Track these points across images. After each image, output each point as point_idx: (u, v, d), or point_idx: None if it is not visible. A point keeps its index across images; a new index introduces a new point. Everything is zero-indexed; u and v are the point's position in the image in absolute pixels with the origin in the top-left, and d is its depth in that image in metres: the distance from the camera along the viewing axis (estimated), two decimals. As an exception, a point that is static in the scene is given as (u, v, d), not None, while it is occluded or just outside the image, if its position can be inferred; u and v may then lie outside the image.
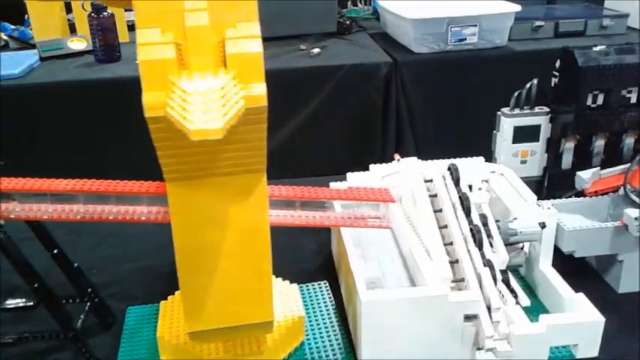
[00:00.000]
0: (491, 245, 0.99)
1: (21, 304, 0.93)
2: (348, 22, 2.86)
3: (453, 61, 2.46)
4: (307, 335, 1.00)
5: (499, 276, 0.94)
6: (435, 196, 1.06)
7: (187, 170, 0.67)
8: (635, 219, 1.01)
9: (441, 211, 1.03)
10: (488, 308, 0.91)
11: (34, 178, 0.85)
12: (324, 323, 1.01)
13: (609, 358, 0.95)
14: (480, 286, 0.93)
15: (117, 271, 1.15)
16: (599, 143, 1.26)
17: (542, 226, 1.02)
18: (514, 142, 1.28)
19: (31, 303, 0.92)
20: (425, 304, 0.88)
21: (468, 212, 1.03)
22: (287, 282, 1.05)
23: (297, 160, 2.39)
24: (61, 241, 0.96)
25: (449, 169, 1.10)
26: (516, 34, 2.48)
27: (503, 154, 1.28)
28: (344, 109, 2.46)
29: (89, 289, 0.98)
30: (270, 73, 2.08)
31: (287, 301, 1.00)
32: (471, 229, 1.00)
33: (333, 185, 1.17)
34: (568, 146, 1.27)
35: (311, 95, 2.44)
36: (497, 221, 1.04)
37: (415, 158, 1.15)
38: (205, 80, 0.56)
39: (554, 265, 1.11)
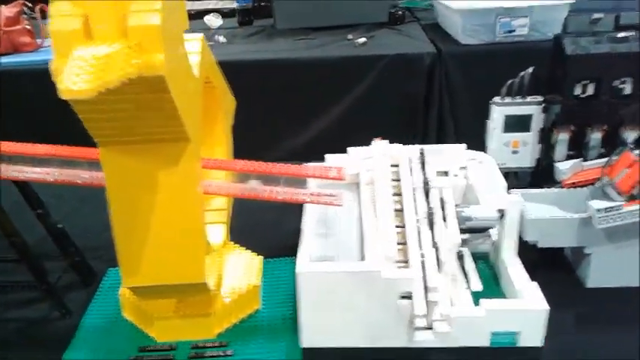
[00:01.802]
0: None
1: (9, 257, 1.04)
2: (400, 13, 2.85)
3: (501, 52, 2.40)
4: (263, 305, 1.05)
5: (446, 258, 0.95)
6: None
7: (112, 135, 0.74)
8: (598, 210, 0.99)
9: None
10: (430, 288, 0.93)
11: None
12: (284, 295, 1.06)
13: (555, 349, 0.94)
14: (423, 267, 0.94)
15: (108, 236, 1.25)
16: (596, 136, 1.22)
17: (501, 213, 1.02)
18: (505, 131, 1.26)
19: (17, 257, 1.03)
20: (359, 278, 0.91)
21: (427, 195, 1.05)
22: (251, 253, 1.11)
23: (337, 148, 2.44)
24: (59, 206, 1.07)
25: (420, 153, 1.11)
26: (573, 27, 2.38)
27: (493, 144, 1.27)
28: (386, 98, 2.46)
29: (71, 249, 1.08)
30: (311, 61, 2.15)
31: (247, 270, 1.06)
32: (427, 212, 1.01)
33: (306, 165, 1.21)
34: (562, 137, 1.23)
35: (352, 84, 2.47)
36: (456, 206, 1.05)
37: (387, 142, 1.17)
38: (98, 48, 0.62)
39: (531, 257, 1.10)
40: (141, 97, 0.67)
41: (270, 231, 1.28)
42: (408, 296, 0.92)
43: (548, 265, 1.13)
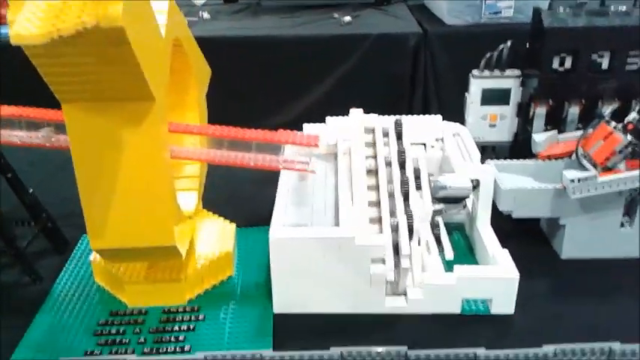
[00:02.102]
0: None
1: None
2: (387, -7, 2.84)
3: (486, 34, 2.40)
4: (237, 272, 1.05)
5: (418, 226, 0.95)
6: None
7: (74, 92, 0.73)
8: (572, 181, 0.99)
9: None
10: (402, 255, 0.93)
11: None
12: (258, 263, 1.06)
13: (527, 317, 0.94)
14: (396, 234, 0.94)
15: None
16: (573, 110, 1.22)
17: (475, 183, 1.02)
18: (483, 104, 1.26)
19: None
20: (333, 245, 0.90)
21: (402, 165, 1.04)
22: (225, 220, 1.10)
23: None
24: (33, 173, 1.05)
25: (396, 123, 1.11)
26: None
27: (471, 117, 1.27)
28: (371, 78, 2.46)
29: (43, 215, 1.07)
30: (295, 39, 2.14)
31: (220, 237, 1.05)
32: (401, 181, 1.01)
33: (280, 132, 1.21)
34: (539, 112, 1.23)
35: (337, 63, 2.46)
36: (430, 176, 1.04)
37: (361, 110, 1.17)
38: (58, -2, 0.61)
39: (506, 228, 1.11)
40: (101, 50, 0.66)
41: (248, 202, 1.27)
42: (380, 263, 0.91)
43: (524, 236, 1.13)
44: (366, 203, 0.97)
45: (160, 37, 0.79)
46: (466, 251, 1.08)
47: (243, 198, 1.31)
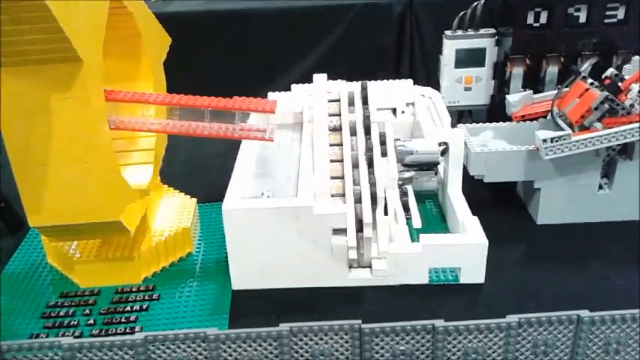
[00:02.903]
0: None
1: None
2: (370, -40, 2.76)
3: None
4: (198, 248, 1.00)
5: (382, 194, 0.90)
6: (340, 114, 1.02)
7: (-3, 56, 0.68)
8: (544, 141, 0.93)
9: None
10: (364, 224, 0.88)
11: None
12: (220, 239, 1.01)
13: (498, 286, 0.89)
14: (359, 203, 0.89)
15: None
16: (552, 69, 1.16)
17: (444, 147, 0.97)
18: (456, 66, 1.20)
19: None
20: (290, 215, 0.85)
21: (367, 131, 0.99)
22: (185, 196, 1.05)
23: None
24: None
25: (362, 88, 1.05)
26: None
27: (445, 80, 1.21)
28: (356, 48, 2.40)
29: (-5, 194, 1.02)
30: (277, 11, 2.06)
31: (179, 213, 1.00)
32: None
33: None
34: (516, 72, 1.17)
35: (321, 35, 2.39)
36: (396, 140, 0.99)
37: (324, 76, 1.11)
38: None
39: (482, 194, 1.06)
40: (15, 5, 0.60)
41: (214, 176, 1.21)
42: (341, 234, 0.86)
43: (500, 202, 1.08)
44: (328, 171, 0.92)
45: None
46: (438, 220, 1.04)
47: (209, 172, 1.26)
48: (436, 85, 1.22)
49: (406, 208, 0.97)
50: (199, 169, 1.29)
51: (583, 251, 0.96)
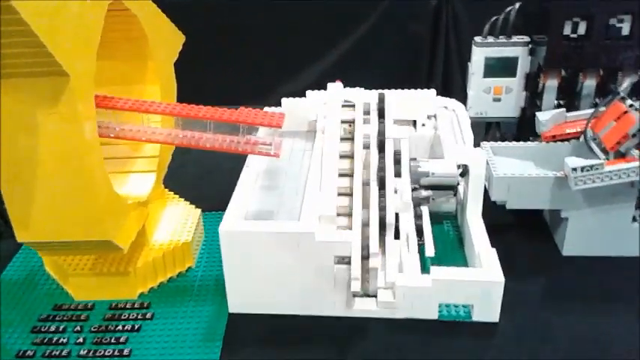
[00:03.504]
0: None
1: None
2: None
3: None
4: (199, 263, 0.96)
5: (392, 220, 0.84)
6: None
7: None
8: (574, 170, 0.86)
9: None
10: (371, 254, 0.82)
11: None
12: (223, 253, 0.96)
13: (513, 326, 0.83)
14: (367, 229, 0.83)
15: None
16: (589, 83, 1.07)
17: (463, 170, 0.90)
18: (485, 75, 1.12)
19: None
20: (291, 240, 0.80)
21: (381, 147, 0.92)
22: (189, 205, 1.01)
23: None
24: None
25: (379, 99, 0.99)
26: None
27: (473, 90, 1.13)
28: (389, 41, 2.31)
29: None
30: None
31: (180, 224, 0.96)
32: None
33: (266, 110, 1.10)
34: (550, 84, 1.08)
35: (353, 26, 2.31)
36: (412, 160, 0.92)
37: (340, 84, 1.04)
38: None
39: (507, 219, 0.99)
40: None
41: (224, 182, 1.16)
42: (345, 262, 0.81)
43: (525, 228, 1.01)
44: (336, 192, 0.86)
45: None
46: (455, 244, 0.97)
47: (222, 174, 1.19)
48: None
49: (420, 232, 0.91)
50: (211, 172, 1.24)
51: (610, 290, 0.88)
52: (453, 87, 2.27)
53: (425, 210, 0.94)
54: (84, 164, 0.71)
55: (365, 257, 0.81)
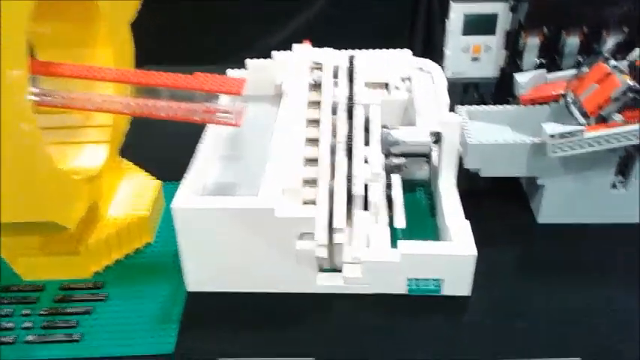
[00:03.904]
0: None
1: None
2: None
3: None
4: (158, 238, 0.91)
5: (360, 192, 0.79)
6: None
7: None
8: (552, 136, 0.80)
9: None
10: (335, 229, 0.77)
11: None
12: (184, 226, 0.91)
13: (485, 300, 0.79)
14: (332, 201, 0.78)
15: None
16: (572, 41, 1.01)
17: (436, 137, 0.84)
18: (464, 33, 1.05)
19: None
20: (248, 217, 0.75)
21: (350, 114, 0.87)
22: (147, 176, 0.95)
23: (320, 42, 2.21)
24: None
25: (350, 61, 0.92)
26: None
27: (450, 49, 1.07)
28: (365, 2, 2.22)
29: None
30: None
31: (137, 198, 0.91)
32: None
33: (229, 72, 1.04)
34: (531, 43, 1.02)
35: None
36: (383, 127, 0.87)
37: (309, 44, 0.98)
38: None
39: (483, 185, 0.94)
40: None
41: (189, 147, 1.09)
42: (309, 238, 0.76)
43: (500, 195, 0.97)
44: (300, 163, 0.81)
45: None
46: (427, 214, 0.92)
47: (189, 139, 1.12)
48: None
49: (390, 203, 0.86)
50: (175, 138, 1.17)
51: (587, 261, 0.84)
52: (436, 45, 2.19)
53: (396, 179, 0.89)
54: (17, 139, 0.64)
55: (331, 231, 0.77)
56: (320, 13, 2.22)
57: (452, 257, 0.76)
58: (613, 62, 0.86)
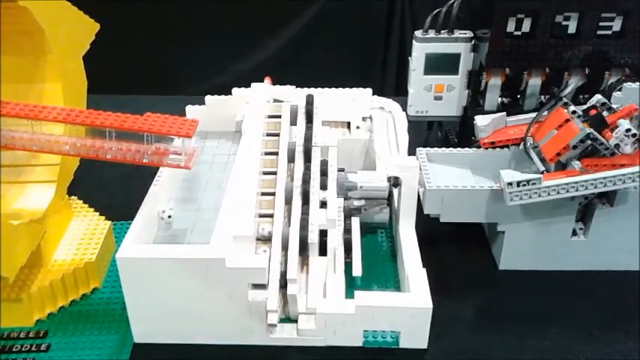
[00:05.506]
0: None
1: None
2: None
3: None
4: (107, 282, 0.87)
5: (316, 238, 0.77)
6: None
7: None
8: (509, 184, 0.79)
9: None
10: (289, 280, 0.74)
11: None
12: (136, 269, 0.88)
13: (442, 351, 0.77)
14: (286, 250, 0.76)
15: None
16: (534, 82, 1.00)
17: (395, 182, 0.83)
18: (426, 72, 1.05)
19: None
20: (198, 267, 0.72)
21: (307, 156, 0.85)
22: (98, 217, 0.92)
23: (288, 74, 2.20)
24: None
25: (307, 101, 0.90)
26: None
27: (413, 87, 1.06)
28: (343, 21, 2.22)
29: None
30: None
31: (86, 240, 0.87)
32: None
33: (188, 109, 1.01)
34: (493, 83, 1.02)
35: (304, 5, 2.21)
36: (340, 170, 0.85)
37: (268, 83, 0.96)
38: None
39: (443, 228, 0.92)
40: None
41: (143, 184, 1.03)
42: (261, 289, 0.73)
43: (462, 238, 0.95)
44: (254, 210, 0.78)
45: None
46: (387, 258, 0.90)
47: (138, 181, 1.03)
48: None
49: (348, 249, 0.84)
50: (129, 175, 1.12)
51: (548, 310, 0.83)
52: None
53: (355, 222, 0.87)
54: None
55: (283, 285, 0.74)
56: (291, 40, 2.22)
57: (407, 310, 0.74)
58: (572, 107, 0.86)
